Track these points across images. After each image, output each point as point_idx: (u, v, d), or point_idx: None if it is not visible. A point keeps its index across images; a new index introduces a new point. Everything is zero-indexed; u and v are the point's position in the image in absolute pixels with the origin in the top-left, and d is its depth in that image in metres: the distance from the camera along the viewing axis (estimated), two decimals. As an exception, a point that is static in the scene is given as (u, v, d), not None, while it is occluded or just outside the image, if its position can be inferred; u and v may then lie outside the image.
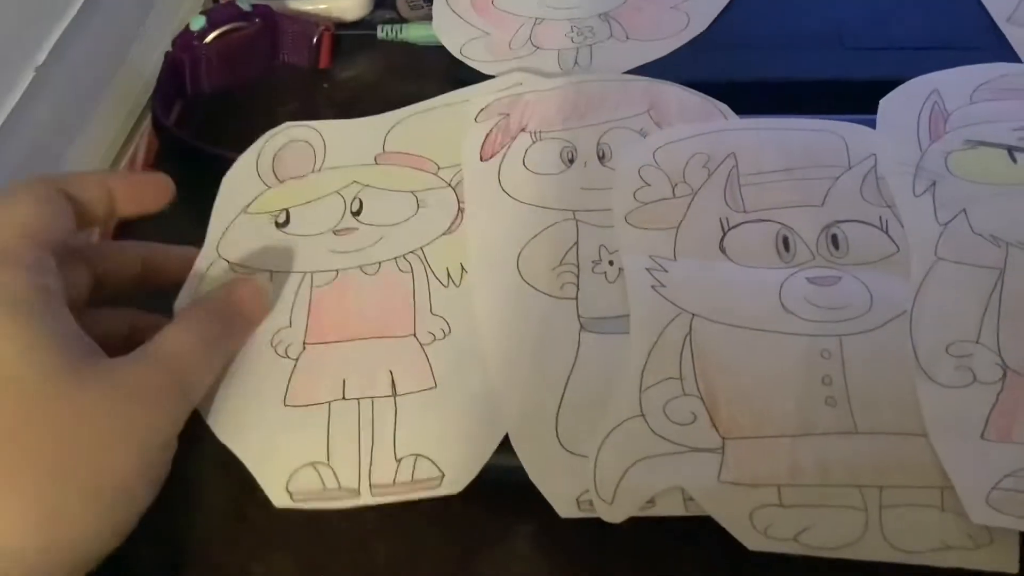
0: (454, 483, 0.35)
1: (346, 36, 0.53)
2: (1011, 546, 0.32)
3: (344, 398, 0.36)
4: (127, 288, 0.39)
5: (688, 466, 0.34)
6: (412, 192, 0.42)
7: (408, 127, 0.45)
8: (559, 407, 0.36)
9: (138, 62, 0.50)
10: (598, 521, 0.34)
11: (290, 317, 0.39)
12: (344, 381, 0.37)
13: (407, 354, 0.38)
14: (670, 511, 0.34)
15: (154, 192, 0.39)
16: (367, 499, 0.35)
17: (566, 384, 0.36)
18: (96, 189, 0.37)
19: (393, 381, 0.37)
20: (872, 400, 0.35)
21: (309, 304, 0.39)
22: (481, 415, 0.36)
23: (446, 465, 0.35)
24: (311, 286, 0.40)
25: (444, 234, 0.41)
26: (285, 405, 0.36)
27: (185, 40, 0.49)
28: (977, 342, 0.36)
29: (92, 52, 0.46)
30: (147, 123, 0.49)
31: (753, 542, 0.33)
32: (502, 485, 0.35)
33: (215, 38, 0.50)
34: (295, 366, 0.37)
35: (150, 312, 0.39)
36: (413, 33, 0.52)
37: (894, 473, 0.33)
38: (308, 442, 0.36)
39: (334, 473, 0.35)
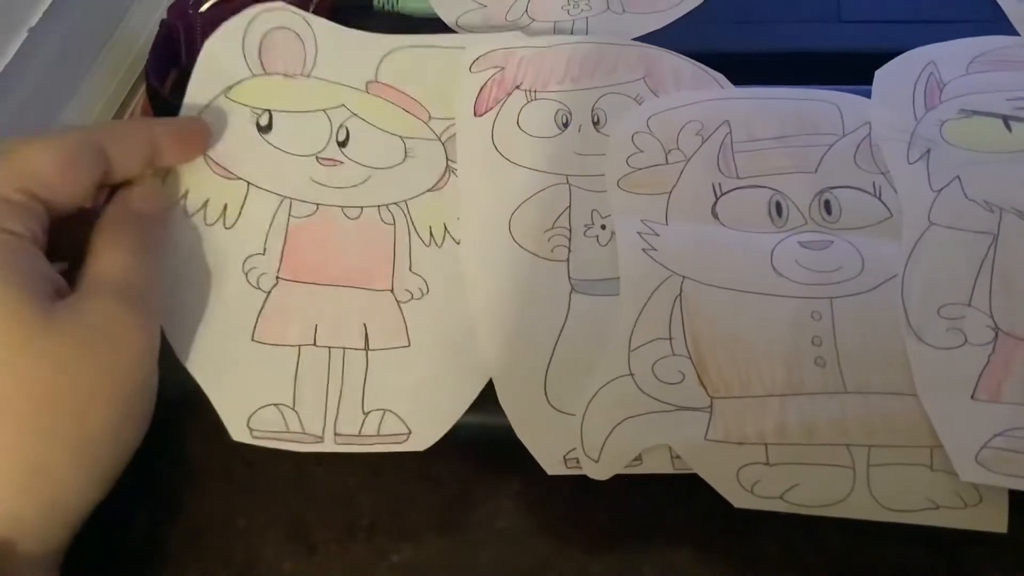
0: (420, 440, 0.35)
1: (342, 7, 0.53)
2: (1000, 505, 0.32)
3: (315, 344, 0.36)
4: (138, 171, 0.37)
5: (675, 424, 0.34)
6: (400, 137, 0.41)
7: (404, 60, 0.44)
8: (548, 366, 0.36)
9: (133, 28, 0.50)
10: (584, 478, 0.34)
11: (264, 244, 0.38)
12: (316, 327, 0.37)
13: (383, 309, 0.37)
14: (657, 469, 0.34)
15: (196, 141, 0.39)
16: (330, 446, 0.35)
17: (556, 343, 0.36)
18: (137, 139, 0.36)
19: (367, 334, 0.37)
20: (862, 361, 0.35)
21: (285, 234, 0.38)
22: (453, 377, 0.36)
23: (413, 422, 0.35)
24: (288, 214, 0.39)
25: (430, 190, 0.40)
26: (253, 340, 0.36)
27: (180, 8, 0.49)
28: (969, 304, 0.35)
29: (86, 16, 0.46)
30: (142, 90, 0.49)
31: (739, 500, 0.33)
32: (488, 443, 0.35)
33: (210, 7, 0.50)
34: (266, 300, 0.37)
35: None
36: (409, 5, 0.52)
37: (883, 432, 0.33)
38: (274, 383, 0.35)
39: (299, 417, 0.35)
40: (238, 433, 0.35)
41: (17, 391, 0.29)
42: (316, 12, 0.51)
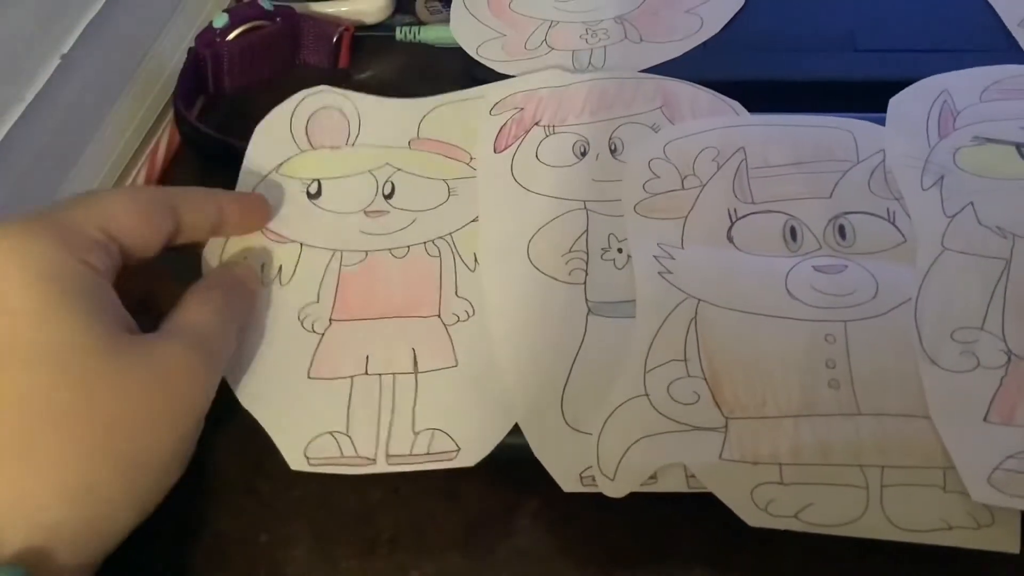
0: (469, 456, 0.35)
1: (365, 37, 0.54)
2: (1012, 527, 0.32)
3: (367, 373, 0.37)
4: (204, 236, 0.40)
5: (690, 444, 0.34)
6: (444, 180, 0.43)
7: (443, 115, 0.46)
8: (565, 386, 0.36)
9: (162, 56, 0.51)
10: (601, 497, 0.34)
11: (318, 293, 0.40)
12: (368, 357, 0.38)
13: (431, 333, 0.38)
14: (672, 487, 0.34)
15: (257, 213, 0.41)
16: (383, 467, 0.35)
17: (572, 364, 0.37)
18: (207, 206, 0.39)
19: (415, 358, 0.38)
20: (875, 383, 0.35)
21: (337, 283, 0.40)
22: (499, 394, 0.37)
23: (462, 439, 0.36)
24: (340, 265, 0.41)
25: (473, 221, 0.42)
26: (309, 377, 0.37)
27: (207, 37, 0.50)
28: (982, 328, 0.36)
29: (117, 44, 0.47)
30: (169, 117, 0.50)
31: (754, 519, 0.33)
32: (507, 461, 0.35)
33: (236, 36, 0.51)
34: (321, 340, 0.38)
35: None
36: (431, 34, 0.53)
37: (896, 453, 0.34)
38: (328, 412, 0.37)
39: (352, 442, 0.36)
40: (296, 463, 0.36)
41: (79, 409, 0.30)
42: (339, 43, 0.52)
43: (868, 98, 0.43)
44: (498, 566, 0.34)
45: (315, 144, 0.45)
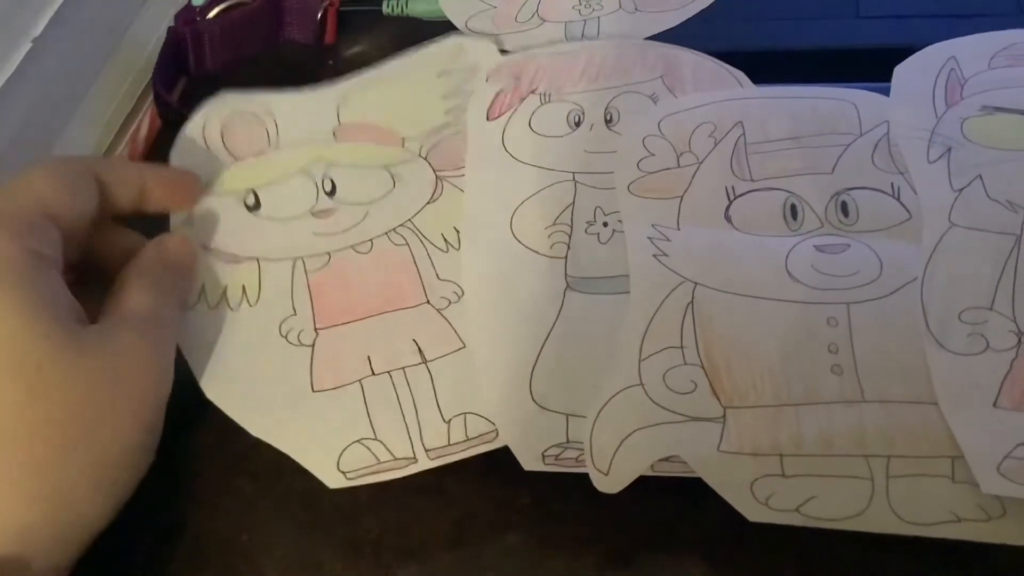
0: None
1: (351, 12, 0.53)
2: (1024, 518, 0.31)
3: (373, 373, 0.36)
4: (127, 211, 0.38)
5: (687, 435, 0.33)
6: (384, 167, 0.41)
7: (360, 97, 0.44)
8: (535, 362, 0.35)
9: (140, 37, 0.49)
10: (593, 491, 0.33)
11: (292, 305, 0.38)
12: (369, 357, 0.36)
13: (427, 321, 0.37)
14: (667, 471, 0.33)
15: (184, 191, 0.40)
16: (425, 463, 0.34)
17: (545, 341, 0.36)
18: (128, 177, 0.37)
19: (420, 348, 0.36)
20: (880, 368, 0.34)
21: (309, 290, 0.38)
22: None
23: (497, 417, 0.35)
24: (305, 271, 0.39)
25: (428, 203, 0.40)
26: (314, 391, 0.36)
27: (187, 15, 0.49)
28: (991, 309, 0.34)
29: (91, 25, 0.46)
30: (150, 100, 0.49)
31: (754, 513, 0.32)
32: (497, 456, 0.34)
33: (218, 13, 0.49)
34: (313, 352, 0.37)
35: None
36: (419, 7, 0.51)
37: (902, 442, 0.32)
38: (348, 421, 0.35)
39: (385, 446, 0.35)
40: (333, 481, 0.34)
41: (39, 409, 0.30)
42: (325, 18, 0.51)
43: (871, 66, 0.42)
44: (487, 566, 0.33)
45: (237, 156, 0.42)
